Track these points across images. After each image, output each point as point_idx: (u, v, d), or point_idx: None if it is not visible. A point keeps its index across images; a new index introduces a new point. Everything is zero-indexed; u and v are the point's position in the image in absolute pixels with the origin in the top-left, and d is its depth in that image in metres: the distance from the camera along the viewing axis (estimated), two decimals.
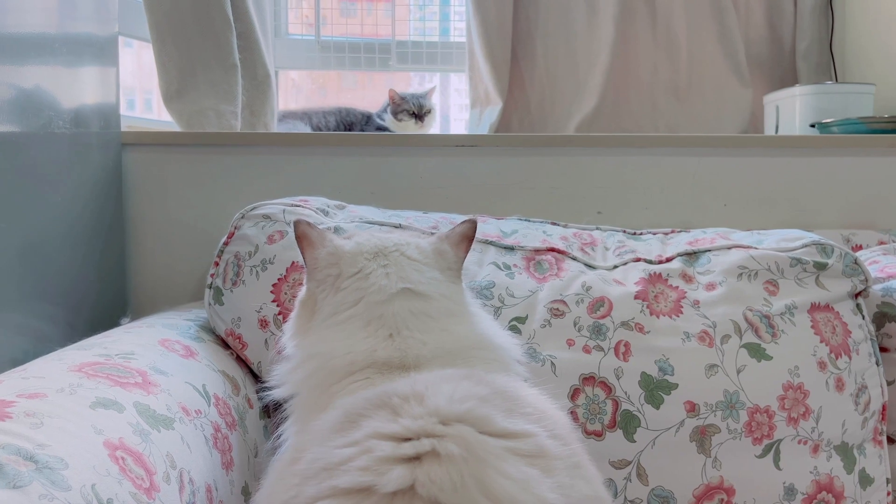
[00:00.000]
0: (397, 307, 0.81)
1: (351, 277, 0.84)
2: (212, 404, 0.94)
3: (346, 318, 0.82)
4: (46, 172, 1.14)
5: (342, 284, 0.84)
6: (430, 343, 0.80)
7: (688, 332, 1.06)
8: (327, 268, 0.86)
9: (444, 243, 0.90)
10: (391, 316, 0.81)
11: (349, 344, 0.80)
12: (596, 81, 1.90)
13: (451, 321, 0.83)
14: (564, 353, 1.04)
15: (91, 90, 1.30)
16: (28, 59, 1.11)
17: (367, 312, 0.82)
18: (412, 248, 0.87)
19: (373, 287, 0.83)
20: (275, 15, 2.06)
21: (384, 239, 0.89)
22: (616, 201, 1.45)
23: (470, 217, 0.93)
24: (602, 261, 1.19)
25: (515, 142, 1.46)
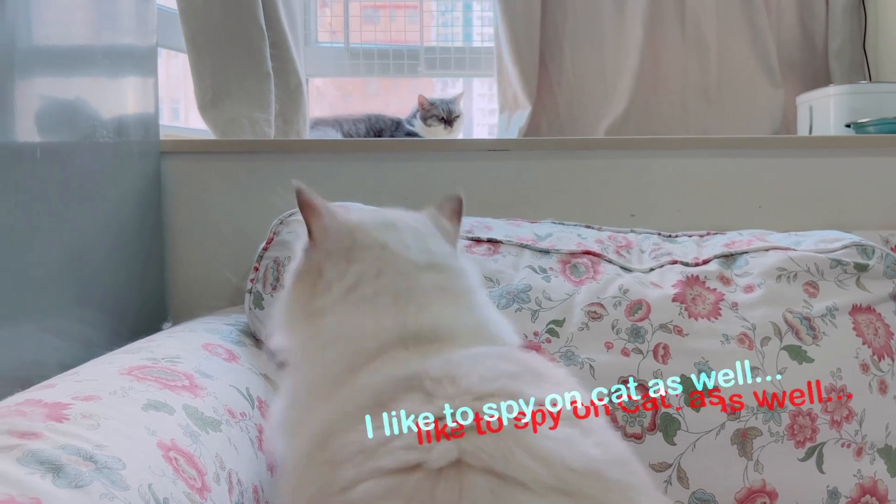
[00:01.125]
0: (425, 281, 0.77)
1: (367, 248, 0.78)
2: (255, 407, 0.95)
3: (371, 293, 0.75)
4: (91, 181, 1.17)
5: (357, 255, 0.78)
6: (455, 319, 0.76)
7: (727, 335, 1.06)
8: (338, 237, 0.79)
9: (440, 218, 0.87)
10: (420, 291, 0.76)
11: (380, 323, 0.74)
12: (625, 84, 1.90)
13: (470, 297, 0.81)
14: (603, 355, 1.04)
15: (132, 100, 1.33)
16: (73, 71, 1.14)
17: (393, 286, 0.76)
18: (418, 222, 0.84)
19: (397, 259, 0.77)
20: (305, 23, 2.08)
21: (383, 212, 0.86)
22: (649, 204, 1.45)
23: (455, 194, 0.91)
24: (638, 263, 1.19)
25: (547, 145, 1.47)
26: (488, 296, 0.96)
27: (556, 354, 1.04)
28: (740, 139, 1.48)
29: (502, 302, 1.08)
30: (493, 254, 1.17)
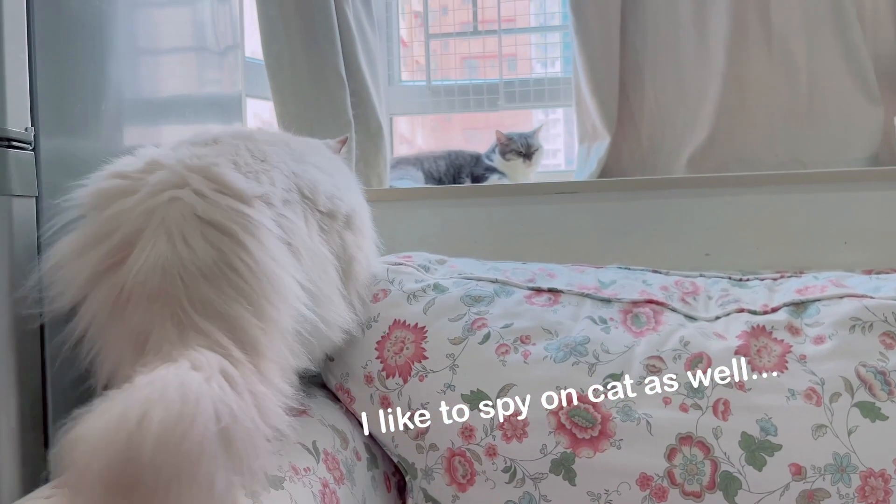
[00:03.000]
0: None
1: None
2: (321, 460, 1.01)
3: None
4: None
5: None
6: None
7: (793, 390, 1.03)
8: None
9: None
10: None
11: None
12: (708, 111, 1.85)
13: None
14: (661, 411, 1.04)
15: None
16: (168, 118, 1.27)
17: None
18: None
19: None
20: (388, 64, 2.16)
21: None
22: (725, 242, 1.42)
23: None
24: (704, 311, 1.17)
25: (617, 186, 1.47)
26: (545, 349, 1.01)
27: (612, 410, 1.04)
28: (823, 174, 1.42)
29: (559, 355, 1.09)
30: (553, 304, 1.18)
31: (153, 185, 0.88)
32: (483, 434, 1.06)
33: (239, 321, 0.83)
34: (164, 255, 0.83)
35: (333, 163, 1.15)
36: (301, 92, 1.74)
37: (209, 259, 0.84)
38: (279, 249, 0.90)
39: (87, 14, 1.03)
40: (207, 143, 0.97)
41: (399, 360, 1.13)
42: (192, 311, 0.81)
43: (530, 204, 1.47)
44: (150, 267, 0.82)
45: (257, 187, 0.92)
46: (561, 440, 1.04)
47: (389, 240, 1.46)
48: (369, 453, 1.16)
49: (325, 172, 1.08)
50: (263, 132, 1.06)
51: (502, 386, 1.08)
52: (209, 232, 0.85)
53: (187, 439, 0.67)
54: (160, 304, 0.82)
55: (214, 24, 1.45)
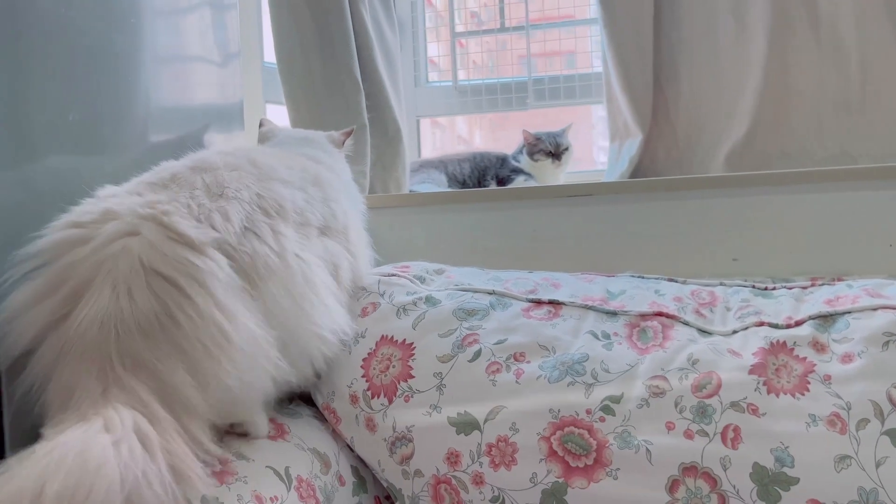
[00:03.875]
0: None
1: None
2: (292, 488, 0.95)
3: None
4: None
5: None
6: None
7: (814, 415, 0.91)
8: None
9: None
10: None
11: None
12: (748, 103, 1.72)
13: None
14: (663, 438, 0.94)
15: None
16: (184, 126, 1.27)
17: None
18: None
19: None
20: (415, 66, 2.10)
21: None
22: (755, 246, 1.30)
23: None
24: (721, 325, 1.06)
25: (635, 188, 1.36)
26: (539, 367, 0.97)
27: (609, 436, 0.95)
28: (881, 169, 1.27)
29: (554, 374, 1.00)
30: (552, 317, 1.09)
31: (106, 236, 0.85)
32: (469, 460, 0.99)
33: (170, 377, 0.80)
34: (104, 308, 0.81)
35: (308, 173, 1.10)
36: (315, 96, 1.70)
37: (151, 312, 0.81)
38: (231, 298, 0.86)
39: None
40: (165, 184, 0.94)
41: (385, 379, 1.06)
42: (119, 365, 0.79)
43: (541, 208, 1.38)
44: (89, 320, 0.81)
45: (210, 232, 0.89)
46: (552, 468, 0.95)
47: (402, 247, 1.40)
48: (357, 477, 1.09)
49: (295, 186, 1.04)
50: (228, 155, 1.02)
51: (491, 408, 1.00)
52: (156, 282, 0.83)
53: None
54: (89, 358, 0.80)
55: (214, 33, 1.41)
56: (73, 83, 1.04)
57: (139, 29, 1.18)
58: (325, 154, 1.27)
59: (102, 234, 0.86)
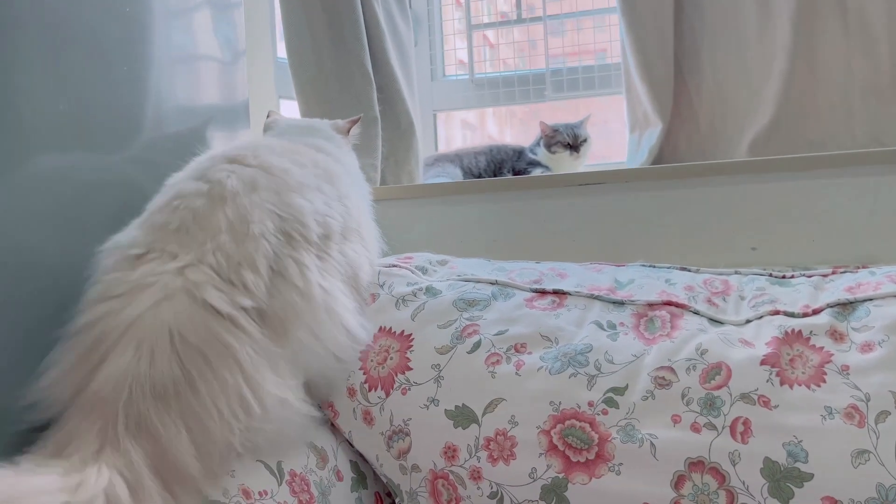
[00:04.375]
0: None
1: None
2: (284, 482, 0.92)
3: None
4: None
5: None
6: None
7: (830, 407, 0.86)
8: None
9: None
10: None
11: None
12: (773, 90, 1.66)
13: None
14: (668, 431, 0.89)
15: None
16: (192, 123, 1.27)
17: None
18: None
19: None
20: (431, 59, 2.07)
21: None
22: (775, 235, 1.24)
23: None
24: (734, 314, 1.01)
25: (649, 175, 1.31)
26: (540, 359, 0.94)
27: (612, 429, 0.91)
28: (891, 152, 1.21)
29: (556, 365, 0.96)
30: (556, 307, 1.05)
31: (138, 305, 0.85)
32: (467, 455, 0.95)
33: (170, 444, 0.79)
34: (122, 368, 0.81)
35: (319, 167, 1.08)
36: (325, 89, 1.68)
37: (169, 377, 0.81)
38: (260, 367, 0.86)
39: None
40: (188, 228, 0.91)
41: (382, 372, 1.03)
42: (122, 426, 0.78)
43: (552, 198, 1.34)
44: (106, 378, 0.81)
45: (241, 299, 0.88)
46: (552, 463, 0.91)
47: (409, 239, 1.37)
48: (356, 472, 1.06)
49: (311, 188, 1.01)
50: (240, 164, 0.99)
51: (490, 401, 0.96)
52: (183, 349, 0.83)
53: None
54: (96, 414, 0.80)
55: (220, 31, 1.40)
56: (76, 80, 1.03)
57: (146, 27, 1.17)
58: (329, 143, 1.25)
59: (136, 303, 0.85)
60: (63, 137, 1.01)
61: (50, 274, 0.95)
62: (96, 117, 1.07)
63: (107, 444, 0.78)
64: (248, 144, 1.07)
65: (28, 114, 0.95)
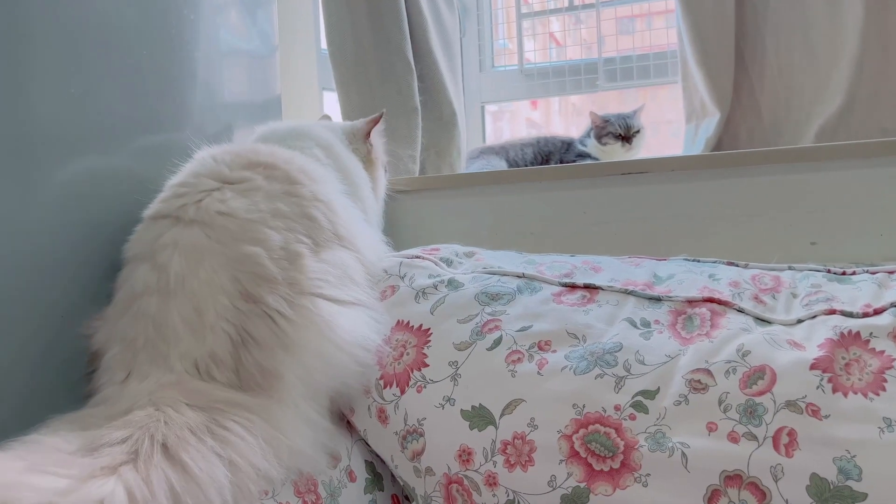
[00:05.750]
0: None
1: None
2: (289, 482, 0.87)
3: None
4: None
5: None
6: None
7: (890, 419, 0.75)
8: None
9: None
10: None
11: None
12: (842, 75, 1.53)
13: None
14: (702, 440, 0.80)
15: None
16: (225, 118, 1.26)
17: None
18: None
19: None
20: (480, 50, 2.01)
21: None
22: (837, 228, 1.13)
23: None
24: (784, 313, 0.91)
25: (697, 164, 1.22)
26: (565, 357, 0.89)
27: (640, 436, 0.82)
28: None
29: (582, 365, 0.89)
30: (586, 303, 0.97)
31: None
32: (483, 459, 0.88)
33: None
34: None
35: (276, 181, 1.01)
36: (365, 78, 1.64)
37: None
38: (252, 445, 0.82)
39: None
40: (153, 343, 0.88)
41: (398, 368, 0.97)
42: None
43: (594, 188, 1.25)
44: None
45: (215, 394, 0.85)
46: (574, 471, 0.83)
47: (439, 231, 1.32)
48: (371, 473, 1.01)
49: (262, 220, 0.95)
50: (185, 240, 0.93)
51: (509, 401, 0.89)
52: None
53: None
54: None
55: (252, 26, 1.38)
56: (105, 79, 1.03)
57: (176, 22, 1.15)
58: (318, 149, 1.17)
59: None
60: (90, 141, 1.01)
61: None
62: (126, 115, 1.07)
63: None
64: (191, 179, 0.99)
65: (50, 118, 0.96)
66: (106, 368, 0.89)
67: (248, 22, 1.36)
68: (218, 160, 1.01)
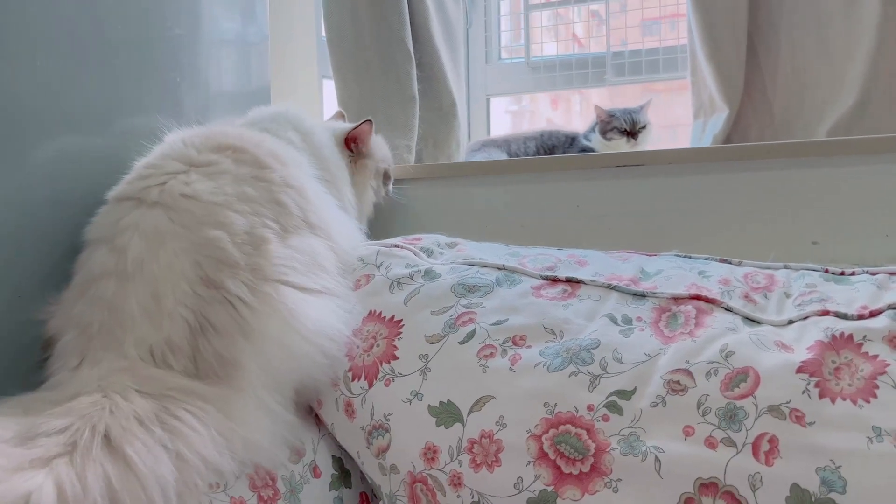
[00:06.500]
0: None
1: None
2: (243, 475, 0.83)
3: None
4: None
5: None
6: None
7: (879, 428, 0.70)
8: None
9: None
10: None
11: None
12: (858, 71, 1.47)
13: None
14: (678, 445, 0.75)
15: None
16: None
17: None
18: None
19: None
20: (486, 41, 1.96)
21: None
22: (841, 227, 1.07)
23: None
24: (775, 313, 0.86)
25: (695, 157, 1.16)
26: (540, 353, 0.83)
27: (612, 438, 0.77)
28: None
29: (556, 362, 0.84)
30: (567, 297, 0.92)
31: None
32: (448, 458, 0.84)
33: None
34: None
35: (245, 164, 0.97)
36: (363, 65, 1.60)
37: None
38: (205, 435, 0.80)
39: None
40: (109, 328, 0.85)
41: (367, 360, 0.93)
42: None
43: (589, 180, 1.21)
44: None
45: (169, 381, 0.83)
46: (541, 474, 0.79)
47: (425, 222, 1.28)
48: (339, 470, 0.97)
49: (227, 203, 0.92)
50: (146, 222, 0.90)
51: (478, 398, 0.85)
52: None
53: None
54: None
55: (237, 14, 1.34)
56: (73, 57, 1.00)
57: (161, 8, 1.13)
58: (296, 133, 1.14)
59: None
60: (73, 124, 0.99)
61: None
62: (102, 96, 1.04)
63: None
64: (158, 161, 0.96)
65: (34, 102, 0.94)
66: (59, 354, 0.86)
67: (237, 8, 1.33)
68: (187, 143, 0.98)
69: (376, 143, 1.24)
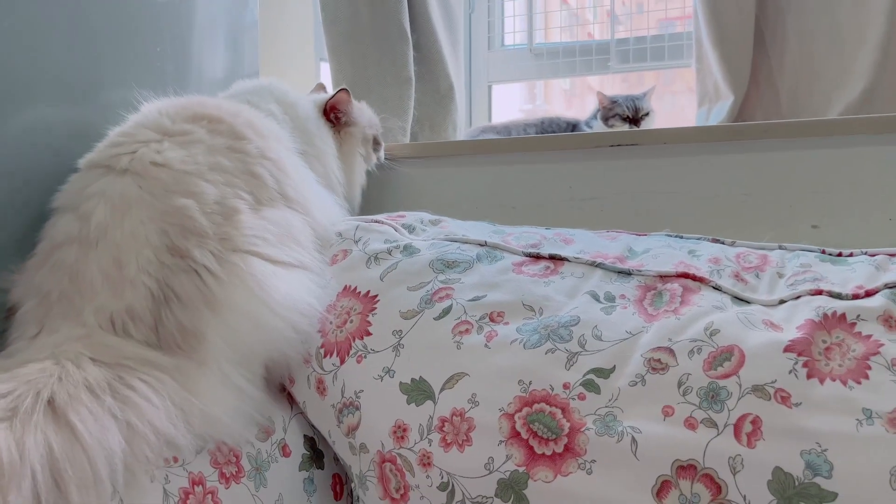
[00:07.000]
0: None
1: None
2: (204, 451, 0.80)
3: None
4: None
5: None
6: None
7: (870, 411, 0.65)
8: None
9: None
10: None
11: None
12: (868, 58, 1.44)
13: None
14: (656, 426, 0.71)
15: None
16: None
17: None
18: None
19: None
20: (489, 27, 1.93)
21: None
22: (843, 210, 1.02)
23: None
24: (766, 292, 0.81)
25: (691, 137, 1.12)
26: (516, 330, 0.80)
27: (587, 418, 0.73)
28: None
29: (533, 339, 0.80)
30: (549, 274, 0.88)
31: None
32: (418, 436, 0.80)
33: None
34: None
35: (221, 135, 0.94)
36: (358, 45, 1.57)
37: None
38: (161, 406, 0.77)
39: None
40: (68, 296, 0.82)
41: (339, 336, 0.89)
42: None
43: (582, 160, 1.17)
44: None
45: (128, 350, 0.80)
46: (513, 454, 0.75)
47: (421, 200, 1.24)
48: (311, 450, 0.93)
49: (199, 172, 0.89)
50: (112, 189, 0.87)
51: (451, 375, 0.81)
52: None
53: None
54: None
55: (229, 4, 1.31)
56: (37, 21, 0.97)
57: None
58: (275, 104, 1.11)
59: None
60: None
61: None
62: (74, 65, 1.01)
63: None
64: (131, 129, 0.93)
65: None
66: (19, 323, 0.83)
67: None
68: (162, 112, 0.95)
69: (359, 109, 1.20)
